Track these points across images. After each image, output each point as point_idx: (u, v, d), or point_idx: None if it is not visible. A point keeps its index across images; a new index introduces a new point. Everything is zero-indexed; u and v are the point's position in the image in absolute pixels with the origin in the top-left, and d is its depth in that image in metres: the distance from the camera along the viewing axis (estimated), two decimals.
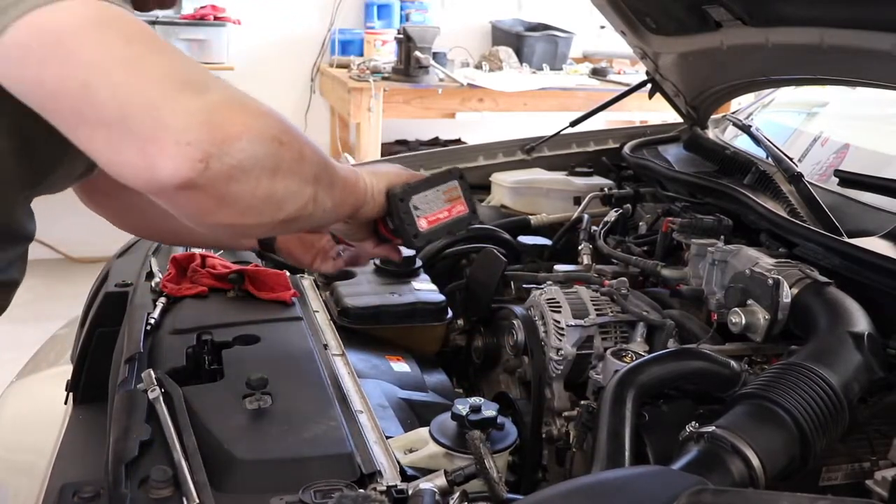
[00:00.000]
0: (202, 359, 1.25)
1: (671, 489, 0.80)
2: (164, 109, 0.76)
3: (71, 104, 0.78)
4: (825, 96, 2.09)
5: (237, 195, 0.81)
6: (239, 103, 0.82)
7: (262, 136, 0.81)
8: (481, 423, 1.05)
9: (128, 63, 0.77)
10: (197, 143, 0.75)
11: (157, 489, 0.91)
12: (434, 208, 1.02)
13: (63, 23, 0.77)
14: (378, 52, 4.62)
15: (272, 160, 0.82)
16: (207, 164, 0.76)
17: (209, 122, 0.77)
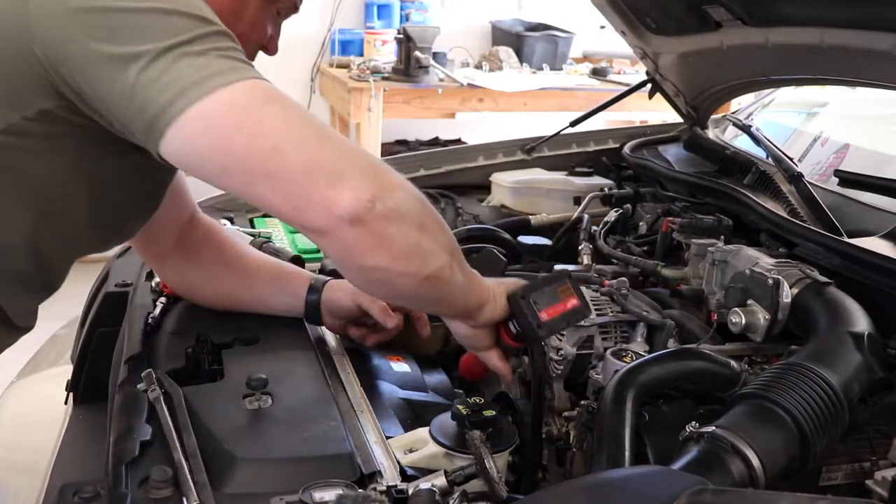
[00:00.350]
0: (202, 359, 1.25)
1: (671, 489, 0.80)
2: (342, 163, 0.95)
3: (260, 165, 0.93)
4: (825, 96, 2.09)
5: (393, 237, 0.96)
6: (388, 168, 1.00)
7: (412, 192, 1.00)
8: (481, 423, 1.05)
9: (309, 129, 0.96)
10: (366, 188, 0.93)
11: (158, 489, 0.91)
12: (551, 302, 1.14)
13: (246, 100, 0.94)
14: (378, 52, 4.62)
15: (420, 215, 1.00)
16: (374, 204, 0.93)
17: (374, 173, 0.96)
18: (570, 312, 1.15)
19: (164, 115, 0.92)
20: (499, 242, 1.75)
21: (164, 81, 0.92)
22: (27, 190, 1.03)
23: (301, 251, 1.70)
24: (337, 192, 0.92)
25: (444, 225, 1.05)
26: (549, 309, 1.14)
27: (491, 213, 2.06)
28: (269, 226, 1.87)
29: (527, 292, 1.13)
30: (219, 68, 0.93)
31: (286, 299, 1.34)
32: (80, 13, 0.94)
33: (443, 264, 1.03)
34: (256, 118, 0.94)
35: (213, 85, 0.92)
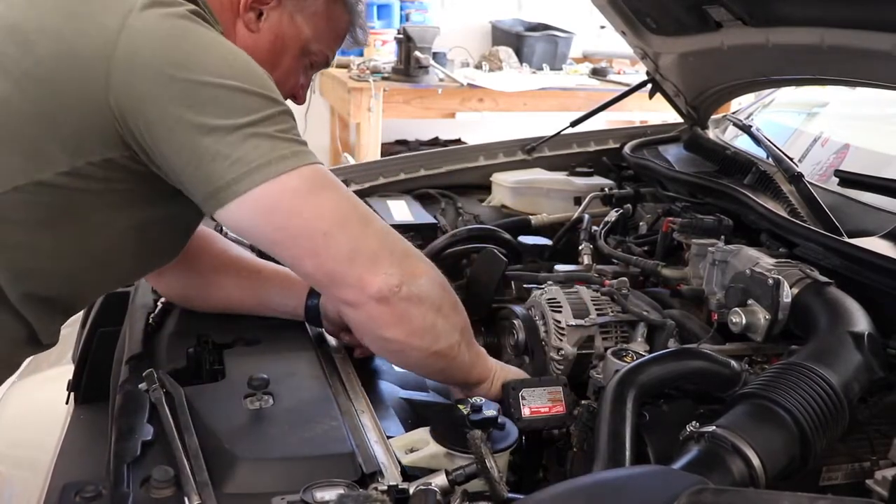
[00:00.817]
0: (203, 359, 1.25)
1: (672, 489, 0.80)
2: (380, 251, 1.08)
3: (310, 246, 1.06)
4: (825, 96, 2.09)
5: (412, 316, 1.09)
6: (418, 255, 1.16)
7: (434, 280, 1.14)
8: (482, 422, 1.05)
9: (356, 216, 1.08)
10: (396, 274, 1.07)
11: (159, 489, 0.91)
12: (538, 403, 1.23)
13: (306, 186, 1.04)
14: (378, 52, 4.62)
15: (438, 299, 1.13)
16: (400, 288, 1.07)
17: (403, 262, 1.09)
18: (552, 417, 1.23)
19: (228, 189, 1.01)
20: (499, 242, 1.75)
21: (234, 158, 1.00)
22: (80, 227, 1.09)
23: None
24: (371, 275, 1.05)
25: (459, 307, 1.19)
26: (533, 407, 1.22)
27: (491, 213, 2.06)
28: None
29: (518, 385, 1.22)
30: (283, 153, 1.03)
31: (288, 302, 1.35)
32: (163, 80, 1.01)
33: (452, 343, 1.15)
34: (313, 204, 1.05)
35: (279, 169, 1.02)
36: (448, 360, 1.17)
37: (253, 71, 1.06)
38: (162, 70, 1.01)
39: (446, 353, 1.16)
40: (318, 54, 1.30)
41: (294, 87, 1.32)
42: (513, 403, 1.20)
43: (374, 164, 2.19)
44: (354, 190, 2.06)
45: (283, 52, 1.25)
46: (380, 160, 2.31)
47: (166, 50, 1.02)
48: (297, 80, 1.31)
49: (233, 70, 1.04)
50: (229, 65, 1.04)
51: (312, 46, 1.28)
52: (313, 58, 1.30)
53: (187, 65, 1.02)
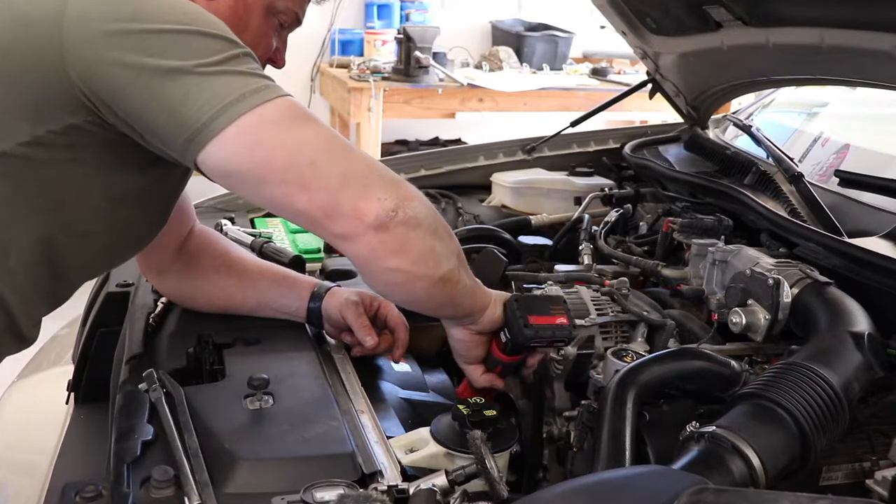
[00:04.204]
0: (203, 359, 1.25)
1: (672, 489, 0.80)
2: (370, 176, 1.05)
3: (298, 177, 1.02)
4: (825, 96, 2.09)
5: (412, 241, 1.06)
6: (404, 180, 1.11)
7: (425, 202, 1.10)
8: (482, 422, 1.05)
9: (338, 146, 1.05)
10: (390, 198, 1.03)
11: (159, 489, 0.91)
12: (542, 313, 1.22)
13: (283, 116, 1.02)
14: (378, 52, 4.62)
15: (433, 222, 1.09)
16: (396, 212, 1.03)
17: (394, 185, 1.06)
18: (558, 327, 1.22)
19: (206, 129, 0.98)
20: (499, 242, 1.75)
21: (206, 97, 0.98)
22: (48, 199, 1.06)
23: (301, 251, 1.70)
24: (365, 201, 1.02)
25: (451, 231, 1.15)
26: (538, 317, 1.22)
27: (491, 213, 2.06)
28: (270, 226, 1.87)
29: (522, 299, 1.21)
30: (256, 86, 1.00)
31: (290, 303, 1.35)
32: (118, 35, 0.99)
33: (452, 267, 1.13)
34: (295, 134, 1.02)
35: (254, 101, 0.99)
36: (452, 287, 1.14)
37: (210, 17, 1.04)
38: (114, 25, 0.98)
39: (449, 279, 1.13)
40: (286, 13, 1.25)
41: (267, 51, 1.27)
42: (519, 314, 1.19)
43: None
44: None
45: (247, 14, 1.21)
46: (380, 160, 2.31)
47: (116, 5, 1.00)
48: (269, 43, 1.27)
49: (188, 16, 1.01)
50: (184, 12, 1.02)
51: (278, 4, 1.23)
52: (282, 17, 1.25)
53: (139, 17, 0.99)
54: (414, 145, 4.81)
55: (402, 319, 1.36)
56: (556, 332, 1.22)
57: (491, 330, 1.27)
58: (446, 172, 2.21)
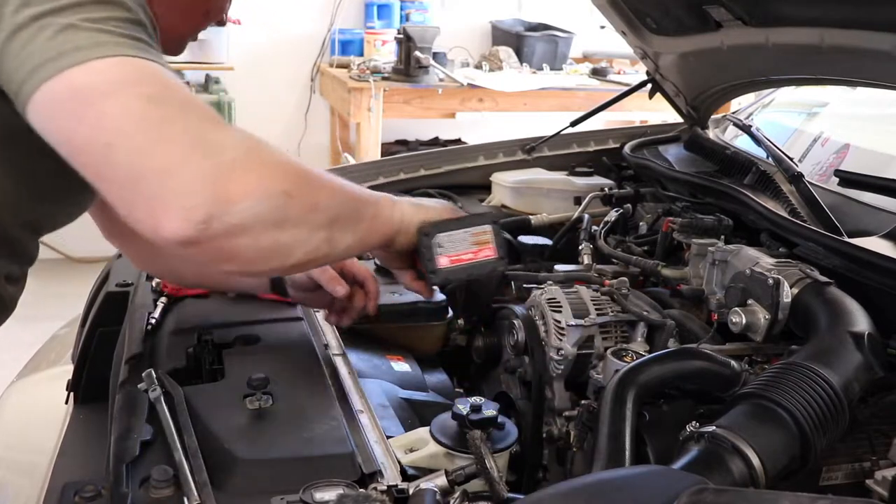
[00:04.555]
0: (203, 359, 1.25)
1: (672, 489, 0.80)
2: (172, 174, 0.83)
3: (94, 161, 0.86)
4: (825, 96, 2.09)
5: (239, 249, 0.88)
6: (252, 161, 0.88)
7: (268, 193, 0.87)
8: (482, 422, 1.05)
9: (148, 127, 0.84)
10: (201, 206, 0.82)
11: (159, 489, 0.91)
12: (459, 249, 1.04)
13: (94, 83, 0.84)
14: (378, 52, 4.62)
15: (277, 214, 0.88)
16: (209, 224, 0.83)
17: (214, 184, 0.83)
18: (478, 263, 1.04)
19: (21, 91, 0.86)
20: None
21: (23, 55, 0.85)
22: None
23: None
24: (164, 208, 0.83)
25: (320, 200, 0.94)
26: (452, 255, 1.05)
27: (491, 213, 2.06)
28: None
29: (433, 229, 1.03)
30: (77, 43, 0.84)
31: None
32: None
33: (314, 246, 0.95)
34: (99, 108, 0.84)
35: (65, 63, 0.84)
36: (318, 262, 1.00)
37: None
38: None
39: (309, 260, 0.97)
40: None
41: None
42: (425, 253, 1.02)
43: (374, 164, 2.19)
44: None
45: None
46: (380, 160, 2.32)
47: None
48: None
49: None
50: None
51: None
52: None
53: None
54: (414, 145, 4.81)
55: (369, 272, 1.29)
56: (475, 271, 1.05)
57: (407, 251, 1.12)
58: (446, 172, 2.21)
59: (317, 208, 0.94)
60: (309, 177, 0.94)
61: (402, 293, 1.48)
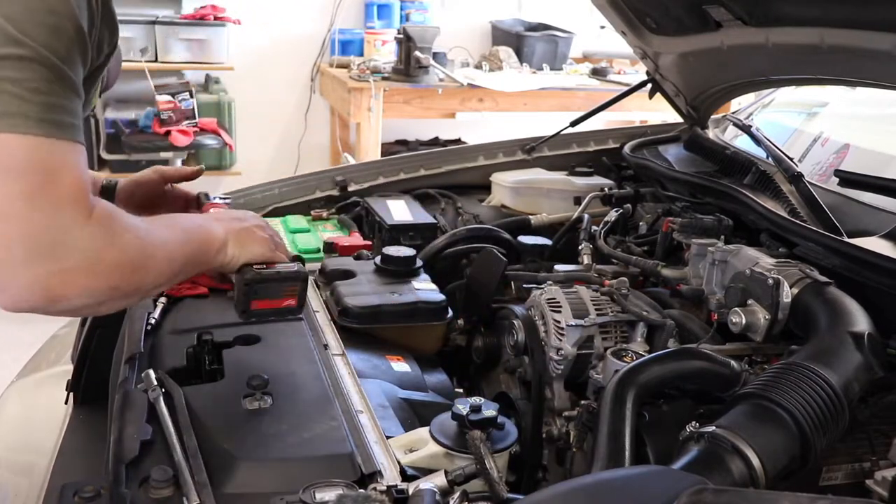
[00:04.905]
0: (202, 359, 1.25)
1: (671, 489, 0.80)
2: (13, 270, 0.87)
3: None
4: (825, 96, 2.09)
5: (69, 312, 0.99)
6: (89, 267, 0.92)
7: (95, 292, 0.94)
8: (481, 422, 1.05)
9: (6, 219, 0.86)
10: (32, 301, 0.89)
11: (158, 489, 0.91)
12: (270, 296, 1.19)
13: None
14: (378, 52, 4.62)
15: (101, 300, 0.95)
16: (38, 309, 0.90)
17: (45, 290, 0.89)
18: (282, 310, 1.21)
19: None
20: (499, 242, 1.75)
21: None
22: None
23: (301, 251, 1.70)
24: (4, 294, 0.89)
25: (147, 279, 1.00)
26: (263, 301, 1.19)
27: (491, 213, 2.06)
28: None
29: (253, 282, 1.17)
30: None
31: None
32: None
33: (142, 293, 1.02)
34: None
35: None
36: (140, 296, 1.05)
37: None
38: None
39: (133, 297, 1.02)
40: None
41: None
42: (241, 298, 1.17)
43: (374, 164, 2.19)
44: (354, 190, 2.06)
45: None
46: (380, 160, 2.32)
47: None
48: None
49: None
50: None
51: None
52: None
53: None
54: (414, 145, 4.81)
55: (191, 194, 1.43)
56: (279, 314, 1.21)
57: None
58: (446, 172, 2.21)
59: (141, 286, 1.00)
60: (143, 265, 0.99)
61: (401, 293, 1.48)
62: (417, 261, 1.59)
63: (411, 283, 1.53)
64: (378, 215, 1.88)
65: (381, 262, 1.57)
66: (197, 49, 4.33)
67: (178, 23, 4.32)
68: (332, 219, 1.95)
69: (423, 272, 1.59)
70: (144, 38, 4.22)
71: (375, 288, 1.50)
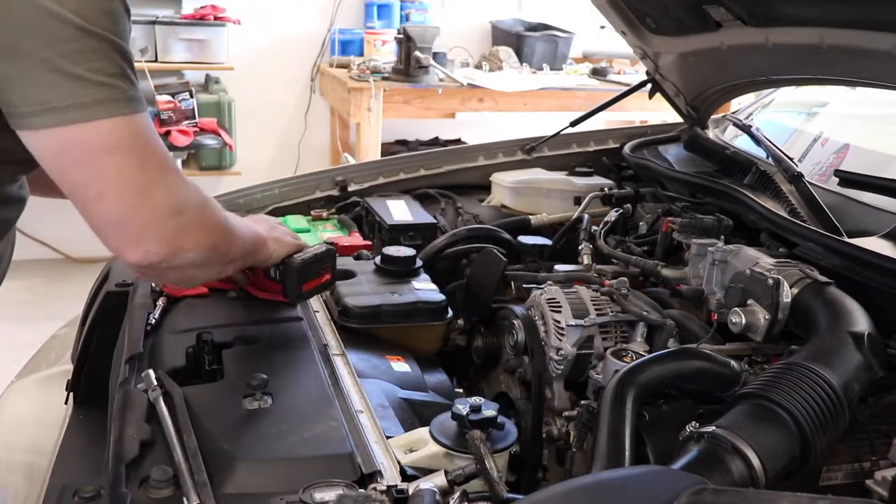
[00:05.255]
0: (202, 359, 1.25)
1: (671, 489, 0.80)
2: (150, 229, 1.07)
3: (83, 199, 1.05)
4: (825, 96, 2.09)
5: (168, 276, 1.18)
6: (200, 220, 1.13)
7: (204, 246, 1.14)
8: (481, 422, 1.05)
9: (137, 188, 1.05)
10: (160, 253, 1.08)
11: (158, 489, 0.91)
12: (314, 277, 1.38)
13: (96, 142, 1.01)
14: (378, 52, 4.62)
15: (203, 259, 1.15)
16: (161, 262, 1.09)
17: (172, 241, 1.09)
18: (323, 285, 1.40)
19: (22, 119, 1.00)
20: (499, 242, 1.75)
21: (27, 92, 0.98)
22: None
23: None
24: (133, 248, 1.07)
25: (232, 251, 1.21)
26: (310, 283, 1.37)
27: (491, 213, 2.06)
28: None
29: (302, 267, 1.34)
30: (85, 100, 0.99)
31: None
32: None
33: (212, 275, 1.24)
34: (98, 164, 1.03)
35: (74, 117, 0.99)
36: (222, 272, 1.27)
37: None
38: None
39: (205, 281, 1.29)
40: None
41: None
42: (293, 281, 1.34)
43: (374, 164, 2.19)
44: (354, 190, 2.06)
45: None
46: (380, 160, 2.31)
47: None
48: None
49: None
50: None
51: None
52: None
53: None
54: (414, 145, 4.81)
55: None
56: (321, 289, 1.41)
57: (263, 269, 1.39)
58: (446, 172, 2.21)
59: (227, 255, 1.22)
60: (229, 232, 1.20)
61: (401, 293, 1.48)
62: (417, 261, 1.59)
63: (411, 283, 1.53)
64: (378, 215, 1.88)
65: (381, 262, 1.57)
66: (197, 49, 4.33)
67: (178, 23, 4.32)
68: (332, 219, 1.95)
69: (423, 272, 1.59)
70: (144, 38, 4.22)
71: (375, 288, 1.50)
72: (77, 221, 1.11)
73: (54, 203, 1.33)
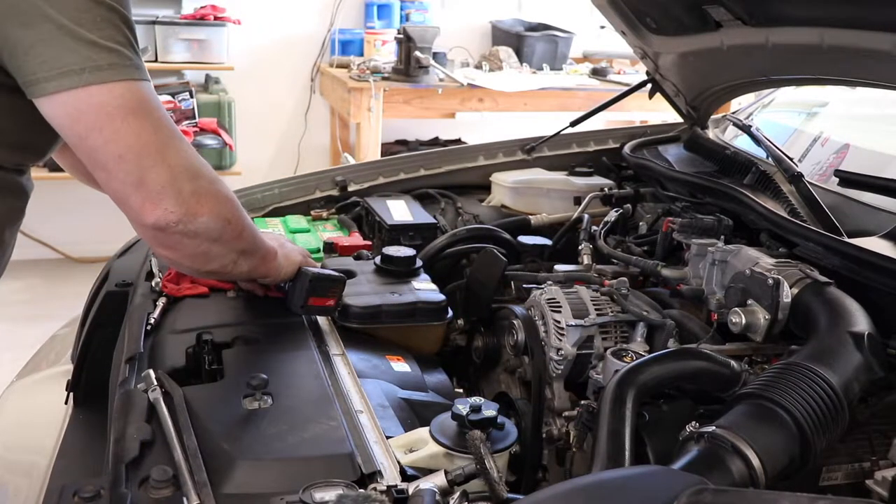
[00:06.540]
0: (202, 359, 1.25)
1: (671, 489, 0.80)
2: (168, 188, 1.10)
3: (103, 162, 1.08)
4: (825, 96, 2.09)
5: (184, 245, 1.17)
6: (214, 189, 1.17)
7: (218, 216, 1.17)
8: (481, 422, 1.05)
9: (154, 149, 1.09)
10: (176, 213, 1.11)
11: (158, 489, 0.91)
12: (322, 294, 1.37)
13: (112, 104, 1.05)
14: (378, 52, 4.62)
15: (217, 232, 1.18)
16: (177, 224, 1.12)
17: (189, 201, 1.12)
18: (324, 308, 1.39)
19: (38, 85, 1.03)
20: (499, 242, 1.75)
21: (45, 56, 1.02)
22: None
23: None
24: (151, 207, 1.10)
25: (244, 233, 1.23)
26: (318, 298, 1.37)
27: (491, 213, 2.06)
28: (269, 225, 1.87)
29: (315, 279, 1.35)
30: (100, 63, 1.04)
31: None
32: None
33: (225, 262, 1.24)
34: (115, 126, 1.07)
35: (90, 79, 1.03)
36: (221, 275, 1.29)
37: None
38: None
39: (218, 271, 1.25)
40: None
41: None
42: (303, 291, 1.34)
43: (374, 164, 2.19)
44: (354, 190, 2.06)
45: None
46: (380, 160, 2.31)
47: None
48: None
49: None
50: None
51: None
52: None
53: None
54: (414, 145, 4.81)
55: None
56: (321, 312, 1.39)
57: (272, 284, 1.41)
58: (446, 172, 2.21)
59: (240, 237, 1.23)
60: (243, 216, 1.23)
61: (401, 293, 1.48)
62: (417, 261, 1.59)
63: (411, 283, 1.53)
64: (378, 215, 1.88)
65: (381, 262, 1.57)
66: (197, 49, 4.33)
67: (178, 23, 4.32)
68: (332, 219, 1.95)
69: (423, 272, 1.59)
70: (144, 38, 4.22)
71: (375, 288, 1.50)
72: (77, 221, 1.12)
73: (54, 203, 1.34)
